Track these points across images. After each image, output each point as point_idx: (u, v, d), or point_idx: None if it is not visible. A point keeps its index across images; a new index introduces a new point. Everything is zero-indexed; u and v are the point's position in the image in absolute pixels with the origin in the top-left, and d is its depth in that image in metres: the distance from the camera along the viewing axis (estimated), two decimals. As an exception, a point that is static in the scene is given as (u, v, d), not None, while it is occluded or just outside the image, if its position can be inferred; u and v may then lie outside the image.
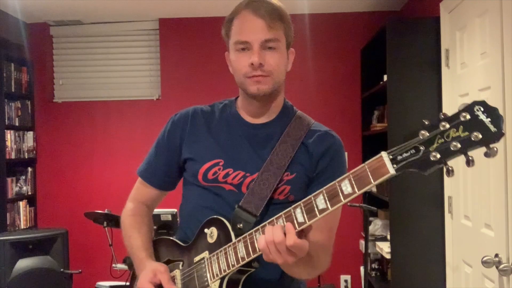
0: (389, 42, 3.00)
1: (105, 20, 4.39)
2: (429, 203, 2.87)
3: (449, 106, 2.74)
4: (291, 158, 1.28)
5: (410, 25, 3.02)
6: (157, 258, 1.38)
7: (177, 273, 1.32)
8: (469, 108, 0.90)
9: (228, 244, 1.20)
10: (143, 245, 1.37)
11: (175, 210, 2.98)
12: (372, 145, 4.03)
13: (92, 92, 4.48)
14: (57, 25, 4.46)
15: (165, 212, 3.01)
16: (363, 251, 3.46)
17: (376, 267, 3.78)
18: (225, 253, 1.20)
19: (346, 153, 1.37)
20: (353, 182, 1.00)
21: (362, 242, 3.86)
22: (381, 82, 3.32)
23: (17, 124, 4.20)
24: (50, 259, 3.35)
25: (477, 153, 0.92)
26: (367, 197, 3.93)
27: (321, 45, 4.26)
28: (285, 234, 1.06)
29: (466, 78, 2.49)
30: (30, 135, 4.37)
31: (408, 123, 2.94)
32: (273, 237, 1.06)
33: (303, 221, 1.06)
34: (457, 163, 0.95)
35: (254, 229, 1.15)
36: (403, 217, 2.95)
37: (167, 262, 1.36)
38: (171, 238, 1.40)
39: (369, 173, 0.98)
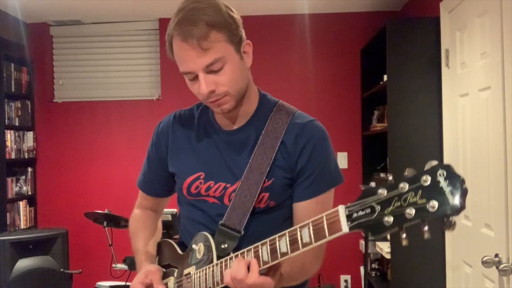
0: (389, 42, 3.00)
1: (105, 20, 4.39)
2: (429, 203, 2.86)
3: (449, 106, 2.74)
4: (271, 161, 1.22)
5: (410, 25, 3.02)
6: (160, 261, 1.41)
7: (171, 280, 1.33)
8: (431, 171, 0.81)
9: (209, 266, 1.20)
10: (142, 249, 1.40)
11: (175, 210, 2.98)
12: (372, 145, 4.03)
13: (92, 92, 4.48)
14: (57, 25, 4.46)
15: (165, 212, 3.00)
16: (363, 251, 3.46)
17: (376, 267, 3.78)
18: (205, 274, 1.20)
19: (330, 142, 1.29)
20: (311, 232, 0.97)
21: (362, 242, 3.87)
22: (381, 82, 3.32)
23: (17, 124, 4.20)
24: (50, 259, 3.35)
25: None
26: (367, 197, 3.92)
27: (321, 45, 4.26)
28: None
29: (466, 78, 2.49)
30: (30, 135, 4.37)
31: (408, 123, 2.94)
32: (236, 273, 1.06)
33: (267, 260, 1.06)
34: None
35: (234, 254, 1.14)
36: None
37: (167, 266, 1.38)
38: (173, 243, 1.41)
39: (325, 227, 0.95)
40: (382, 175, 3.48)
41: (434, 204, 0.79)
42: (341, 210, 0.92)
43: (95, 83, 4.48)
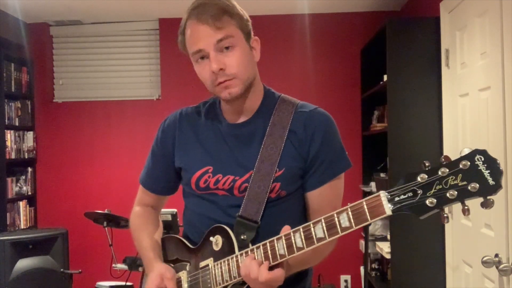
0: (389, 42, 3.00)
1: (105, 20, 4.38)
2: (429, 203, 2.86)
3: (449, 106, 2.74)
4: (281, 151, 1.26)
5: (410, 25, 3.02)
6: (166, 256, 1.40)
7: (183, 274, 1.34)
8: (469, 156, 0.91)
9: (231, 256, 1.21)
10: (150, 245, 1.38)
11: (175, 210, 2.98)
12: (372, 145, 4.03)
13: (92, 92, 4.48)
14: (57, 25, 4.46)
15: (165, 212, 3.00)
16: (363, 251, 3.46)
17: (376, 267, 3.78)
18: (228, 264, 1.21)
19: (337, 129, 1.35)
20: (351, 216, 1.02)
21: (362, 242, 3.87)
22: (381, 82, 3.32)
23: (17, 124, 4.20)
24: (50, 259, 3.35)
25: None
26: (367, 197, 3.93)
27: (321, 45, 4.26)
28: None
29: (466, 78, 2.49)
30: (30, 135, 4.37)
31: (408, 123, 2.94)
32: (249, 270, 1.12)
33: (302, 246, 1.09)
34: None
35: (256, 245, 1.16)
36: (403, 217, 2.94)
37: (176, 261, 1.38)
38: (179, 237, 1.41)
39: (366, 211, 1.01)
40: (382, 175, 3.48)
41: (475, 185, 0.90)
42: (383, 195, 0.99)
43: (95, 83, 4.48)
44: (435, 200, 0.93)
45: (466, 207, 0.92)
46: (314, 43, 4.24)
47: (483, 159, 0.90)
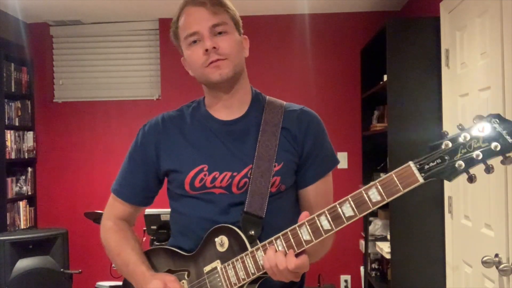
0: (389, 42, 2.99)
1: (105, 20, 4.39)
2: (429, 203, 2.87)
3: (449, 106, 2.74)
4: (277, 147, 1.28)
5: (410, 25, 3.02)
6: (155, 269, 1.32)
7: (184, 284, 1.28)
8: (486, 120, 1.00)
9: (245, 253, 1.19)
10: (139, 259, 1.31)
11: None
12: (372, 145, 4.02)
13: (92, 92, 4.48)
14: (57, 25, 4.46)
15: (165, 212, 3.00)
16: (363, 251, 3.46)
17: (376, 267, 3.78)
18: (243, 262, 1.19)
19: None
20: (381, 190, 1.06)
21: (362, 242, 3.86)
22: (381, 82, 3.32)
23: (17, 124, 4.20)
24: (50, 259, 3.35)
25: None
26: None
27: (321, 45, 4.26)
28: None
29: (466, 78, 2.49)
30: (30, 135, 4.37)
31: (408, 123, 2.94)
32: (276, 261, 1.11)
33: (330, 228, 1.10)
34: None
35: (274, 237, 1.16)
36: (403, 217, 2.95)
37: (168, 273, 1.31)
38: (167, 247, 1.34)
39: (397, 182, 1.04)
40: (382, 175, 3.47)
41: (496, 145, 0.98)
42: (412, 165, 1.04)
43: (95, 83, 4.48)
44: (463, 163, 1.01)
45: (490, 165, 1.00)
46: (314, 43, 4.24)
47: (498, 122, 0.98)
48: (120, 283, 3.57)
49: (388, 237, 3.23)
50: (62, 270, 3.33)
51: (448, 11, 2.73)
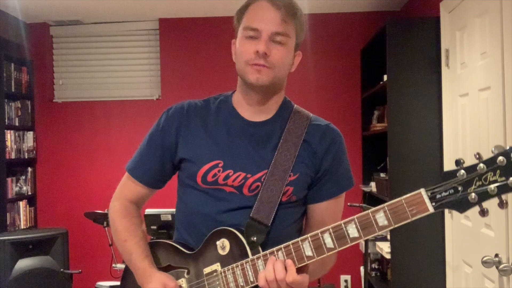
0: (389, 42, 2.99)
1: (105, 20, 4.39)
2: (429, 203, 2.86)
3: (449, 106, 2.74)
4: (295, 158, 1.26)
5: (410, 25, 3.02)
6: (156, 263, 1.32)
7: (183, 282, 1.28)
8: (506, 153, 0.95)
9: (246, 260, 1.18)
10: (143, 252, 1.31)
11: (175, 210, 2.98)
12: (372, 145, 4.03)
13: (92, 92, 4.48)
14: (57, 25, 4.46)
15: (165, 212, 3.00)
16: (363, 251, 3.46)
17: (376, 267, 3.78)
18: (243, 269, 1.18)
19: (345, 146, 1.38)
20: (389, 215, 1.04)
21: (362, 242, 3.86)
22: (381, 82, 3.32)
23: (17, 124, 4.20)
24: (50, 259, 3.35)
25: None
26: (367, 197, 3.93)
27: (321, 45, 4.26)
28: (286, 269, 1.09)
29: (466, 78, 2.49)
30: (30, 135, 4.37)
31: (408, 123, 2.93)
32: (274, 274, 1.09)
33: (333, 247, 1.09)
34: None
35: (276, 248, 1.14)
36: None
37: (168, 268, 1.31)
38: (171, 242, 1.34)
39: (406, 208, 1.03)
40: (382, 175, 3.48)
41: None
42: (423, 192, 1.01)
43: (95, 83, 4.48)
44: (477, 196, 0.96)
45: (504, 201, 0.96)
46: (314, 43, 4.24)
47: None
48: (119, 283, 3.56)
49: (388, 237, 3.23)
50: (62, 270, 3.34)
51: (448, 11, 2.73)
